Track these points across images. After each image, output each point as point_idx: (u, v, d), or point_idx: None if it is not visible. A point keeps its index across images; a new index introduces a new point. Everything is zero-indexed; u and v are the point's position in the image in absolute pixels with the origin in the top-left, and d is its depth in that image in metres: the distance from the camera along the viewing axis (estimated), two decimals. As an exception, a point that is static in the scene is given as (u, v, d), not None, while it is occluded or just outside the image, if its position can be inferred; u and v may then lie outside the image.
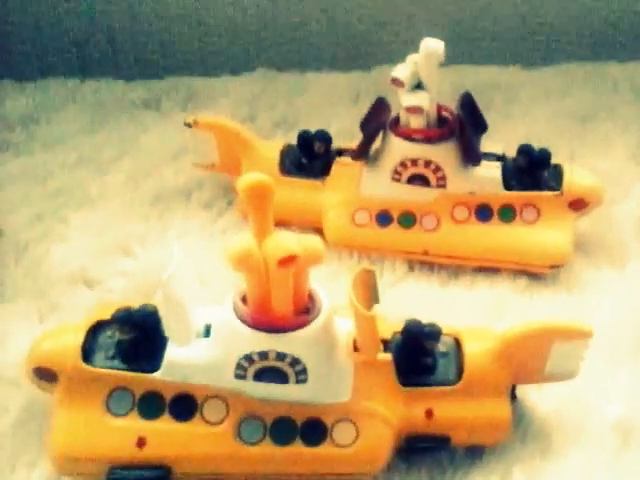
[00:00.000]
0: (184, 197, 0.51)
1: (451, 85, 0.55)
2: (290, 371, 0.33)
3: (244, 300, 0.33)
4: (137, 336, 0.34)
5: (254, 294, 0.32)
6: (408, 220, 0.47)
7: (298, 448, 0.33)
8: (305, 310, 0.33)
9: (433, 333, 0.35)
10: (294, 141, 0.50)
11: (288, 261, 0.30)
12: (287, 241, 0.30)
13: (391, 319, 0.37)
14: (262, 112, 0.60)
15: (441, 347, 0.36)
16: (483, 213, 0.46)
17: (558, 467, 0.35)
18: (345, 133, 0.55)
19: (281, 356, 0.32)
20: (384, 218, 0.47)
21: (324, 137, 0.49)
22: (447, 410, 0.34)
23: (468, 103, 0.47)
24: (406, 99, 0.44)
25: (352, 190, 0.47)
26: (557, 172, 0.47)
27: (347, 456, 0.33)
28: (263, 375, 0.33)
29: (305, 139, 0.49)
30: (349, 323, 0.34)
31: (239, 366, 0.33)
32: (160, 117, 0.60)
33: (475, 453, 0.36)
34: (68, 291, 0.44)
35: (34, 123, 0.58)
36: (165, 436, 0.33)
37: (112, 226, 0.49)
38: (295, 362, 0.33)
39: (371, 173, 0.47)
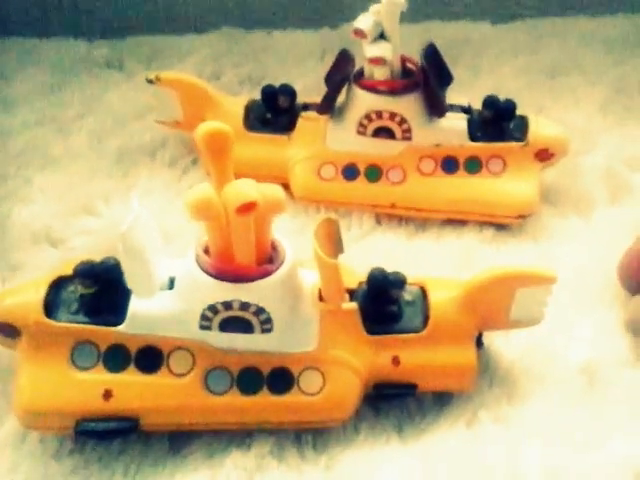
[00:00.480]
0: (148, 155, 0.51)
1: (420, 42, 0.54)
2: (255, 320, 0.33)
3: (206, 251, 0.33)
4: (100, 289, 0.34)
5: (215, 244, 0.32)
6: (374, 173, 0.47)
7: (265, 397, 0.33)
8: (269, 260, 0.33)
9: (397, 281, 0.35)
10: (259, 97, 0.49)
11: (247, 208, 0.30)
12: (246, 188, 0.30)
13: (358, 271, 0.37)
14: (228, 70, 0.59)
15: (407, 296, 0.36)
16: (449, 165, 0.46)
17: (524, 411, 0.36)
18: (312, 90, 0.54)
19: (245, 306, 0.32)
20: (350, 172, 0.47)
21: (288, 91, 0.48)
22: (413, 357, 0.34)
23: (432, 54, 0.46)
24: (369, 50, 0.44)
25: (318, 144, 0.47)
26: (522, 123, 0.47)
27: (314, 404, 0.33)
28: (228, 325, 0.33)
29: (269, 94, 0.49)
30: (314, 275, 0.34)
31: (203, 317, 0.33)
32: (123, 76, 0.59)
33: (443, 399, 0.36)
34: (32, 251, 0.43)
35: (-8, 83, 0.56)
36: (131, 388, 0.33)
37: (76, 186, 0.48)
38: (259, 311, 0.32)
39: (336, 127, 0.47)
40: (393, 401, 0.36)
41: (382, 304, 0.35)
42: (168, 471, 0.33)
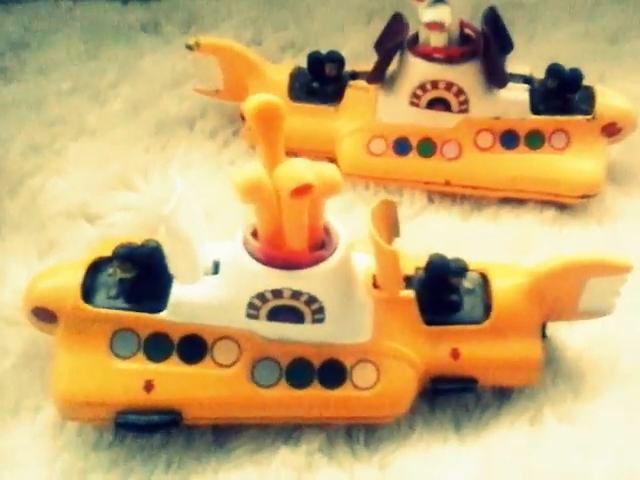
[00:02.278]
0: (187, 126, 0.48)
1: (472, 6, 0.51)
2: (306, 310, 0.31)
3: (255, 235, 0.30)
4: (140, 274, 0.32)
5: (265, 228, 0.30)
6: (428, 148, 0.44)
7: (316, 391, 0.31)
8: (321, 245, 0.31)
9: (459, 269, 0.33)
10: (304, 64, 0.46)
11: (302, 191, 0.27)
12: (301, 169, 0.28)
13: (411, 254, 0.34)
14: (268, 35, 0.56)
15: (467, 284, 0.34)
16: (509, 140, 0.44)
17: (592, 409, 0.33)
18: (358, 56, 0.52)
19: (296, 294, 0.30)
20: (402, 146, 0.44)
21: (336, 58, 0.46)
22: (474, 350, 0.32)
23: (493, 19, 0.43)
24: (426, 14, 0.41)
25: (367, 116, 0.44)
26: (588, 95, 0.44)
27: (368, 399, 0.31)
28: (277, 314, 0.31)
29: (316, 61, 0.46)
30: (367, 259, 0.32)
31: (251, 305, 0.31)
32: (159, 41, 0.56)
33: (503, 394, 0.34)
34: (67, 226, 0.42)
35: (24, 48, 0.54)
36: (174, 379, 0.31)
37: (112, 158, 0.46)
38: (311, 300, 0.30)
39: (388, 97, 0.44)
40: (451, 396, 0.33)
41: (441, 293, 0.33)
42: (212, 467, 0.31)
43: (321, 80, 0.46)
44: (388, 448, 0.32)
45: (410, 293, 0.32)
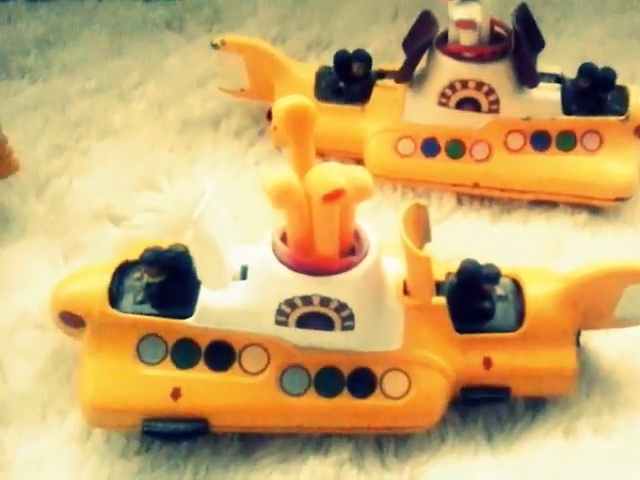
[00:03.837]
0: (212, 126, 0.48)
1: (499, 2, 0.50)
2: (336, 317, 0.30)
3: (284, 239, 0.30)
4: (167, 279, 0.31)
5: (295, 233, 0.29)
6: (457, 149, 0.43)
7: (345, 400, 0.31)
8: (351, 250, 0.30)
9: (492, 275, 0.32)
10: (329, 63, 0.46)
11: (334, 196, 0.27)
12: (333, 174, 0.27)
13: (440, 258, 0.34)
14: (293, 32, 0.56)
15: (499, 290, 0.33)
16: (540, 141, 0.43)
17: (627, 420, 0.32)
18: (384, 54, 0.52)
19: (326, 301, 0.30)
20: (430, 147, 0.43)
21: (363, 57, 0.45)
22: (507, 359, 0.31)
23: (524, 17, 0.42)
24: (457, 12, 0.40)
25: (395, 116, 0.43)
26: (622, 95, 0.43)
27: (399, 409, 0.31)
28: (306, 321, 0.30)
29: (342, 60, 0.45)
30: (397, 263, 0.31)
31: (280, 312, 0.30)
32: (184, 39, 0.56)
33: (536, 405, 0.33)
34: (93, 228, 0.42)
35: (49, 47, 0.54)
36: (201, 387, 0.31)
37: (137, 158, 0.46)
38: (341, 307, 0.30)
39: (416, 97, 0.43)
40: (483, 406, 0.33)
41: (473, 300, 0.32)
42: (239, 476, 0.31)
43: (348, 79, 0.45)
44: (419, 459, 0.31)
45: (441, 300, 0.32)
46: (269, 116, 0.46)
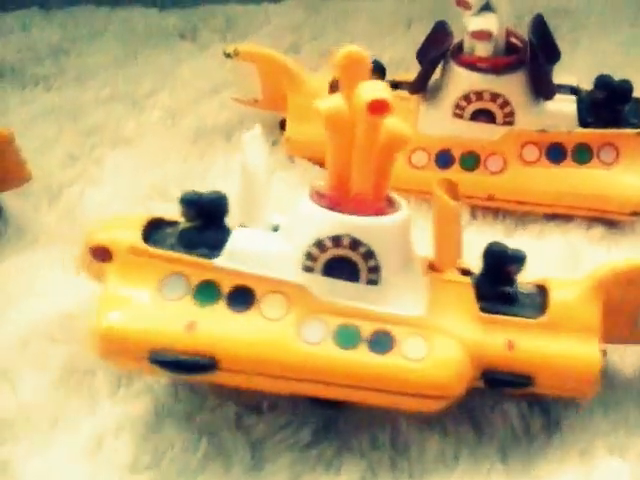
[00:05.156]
0: (225, 136, 0.48)
1: (512, 11, 0.50)
2: (362, 265, 0.30)
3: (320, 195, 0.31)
4: (202, 224, 0.32)
5: (335, 168, 0.30)
6: (471, 161, 0.43)
7: (363, 353, 0.30)
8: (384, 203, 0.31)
9: (517, 256, 0.32)
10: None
11: (380, 106, 0.27)
12: (381, 87, 0.28)
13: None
14: (307, 42, 0.56)
15: (523, 290, 0.33)
16: (555, 153, 0.42)
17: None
18: (398, 64, 0.52)
19: (355, 244, 0.30)
20: (444, 159, 0.43)
21: (377, 67, 0.44)
22: (530, 344, 0.31)
23: (540, 27, 0.42)
24: (473, 23, 0.40)
25: (409, 128, 0.43)
26: (638, 107, 0.43)
27: (416, 370, 0.30)
28: (333, 268, 0.30)
29: (357, 71, 0.45)
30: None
31: (308, 255, 0.30)
32: (197, 48, 0.56)
33: (551, 424, 0.32)
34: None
35: (63, 54, 0.54)
36: (217, 324, 0.30)
37: (149, 168, 0.46)
38: (369, 255, 0.30)
39: (430, 108, 0.43)
40: (506, 390, 0.32)
41: (498, 282, 0.32)
42: (250, 492, 0.31)
43: (362, 90, 0.45)
44: (432, 478, 0.31)
45: (466, 279, 0.32)
46: (282, 126, 0.46)
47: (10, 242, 0.41)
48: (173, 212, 0.41)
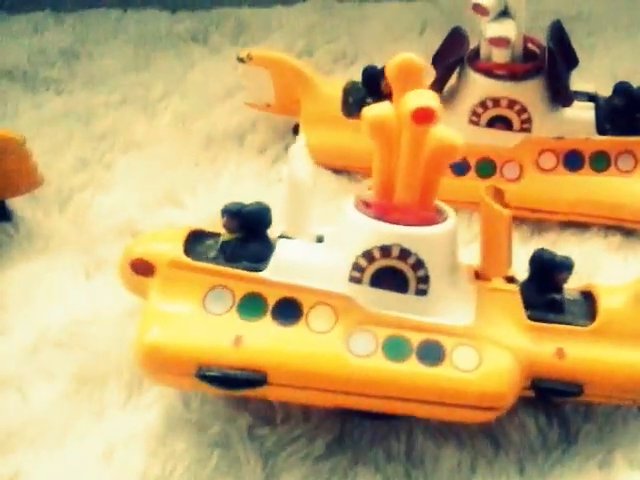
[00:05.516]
0: (237, 140, 0.47)
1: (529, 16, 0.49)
2: (411, 275, 0.30)
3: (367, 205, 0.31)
4: (243, 237, 0.31)
5: (380, 176, 0.30)
6: (487, 168, 0.42)
7: (413, 366, 0.29)
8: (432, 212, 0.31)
9: (565, 264, 0.31)
10: (356, 77, 0.45)
11: (425, 114, 0.27)
12: (428, 97, 0.28)
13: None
14: (320, 46, 0.55)
15: (569, 296, 0.32)
16: (573, 161, 0.42)
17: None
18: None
19: (405, 254, 0.29)
20: (460, 166, 0.42)
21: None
22: (580, 352, 0.30)
23: (558, 34, 0.41)
24: (490, 29, 0.39)
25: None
26: (657, 114, 0.42)
27: (469, 381, 0.29)
28: (381, 279, 0.30)
29: (371, 75, 0.44)
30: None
31: (356, 266, 0.30)
32: (209, 52, 0.56)
33: (570, 436, 0.32)
34: (115, 243, 0.40)
35: (75, 58, 0.54)
36: (264, 338, 0.30)
37: (160, 173, 0.45)
38: (418, 265, 0.29)
39: (445, 115, 0.42)
40: (556, 399, 0.31)
41: (546, 289, 0.32)
42: (263, 504, 0.30)
43: (376, 95, 0.44)
44: (449, 491, 0.30)
45: (514, 287, 0.31)
46: (295, 131, 0.46)
47: (21, 247, 0.40)
48: (183, 219, 0.42)
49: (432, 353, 0.30)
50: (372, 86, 0.44)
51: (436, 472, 0.31)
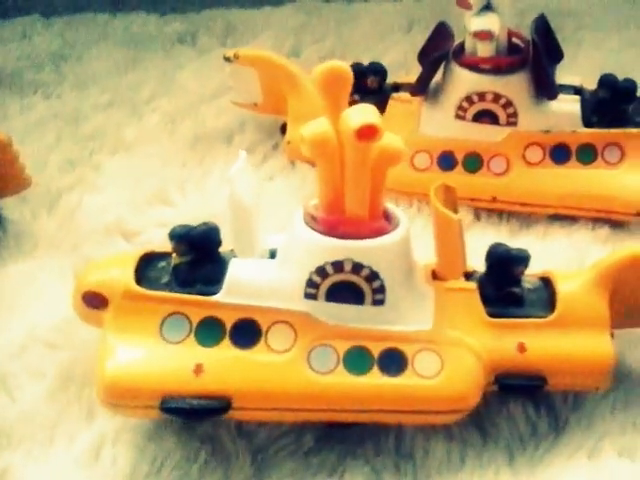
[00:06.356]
0: (225, 140, 0.47)
1: (514, 11, 0.50)
2: (367, 288, 0.29)
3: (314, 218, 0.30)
4: (194, 258, 0.31)
5: (327, 191, 0.29)
6: (474, 163, 0.42)
7: (375, 378, 0.29)
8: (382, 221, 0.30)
9: (521, 257, 0.31)
10: (344, 76, 0.45)
11: (368, 132, 0.27)
12: (368, 112, 0.27)
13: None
14: (307, 45, 0.56)
15: (528, 284, 0.32)
16: (559, 154, 0.42)
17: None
18: (399, 66, 0.51)
19: (358, 268, 0.29)
20: (447, 161, 0.42)
21: (378, 70, 0.45)
22: (541, 344, 0.30)
23: (543, 27, 0.41)
24: (474, 23, 0.40)
25: (410, 130, 0.43)
26: (643, 106, 0.42)
27: (431, 388, 0.29)
28: (336, 294, 0.29)
29: (357, 73, 0.43)
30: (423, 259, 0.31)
31: (310, 283, 0.29)
32: (197, 53, 0.56)
33: (559, 426, 0.32)
34: (104, 243, 0.41)
35: (63, 61, 0.54)
36: (225, 364, 0.29)
37: (149, 173, 0.45)
38: (373, 276, 0.29)
39: (432, 110, 0.43)
40: (519, 394, 0.31)
41: (504, 283, 0.31)
42: (252, 500, 0.30)
43: (363, 92, 0.44)
44: (438, 482, 0.30)
45: (471, 284, 0.31)
46: (283, 130, 0.46)
47: (9, 248, 0.40)
48: (172, 218, 0.42)
49: (393, 362, 0.30)
50: (358, 83, 0.44)
51: (425, 464, 0.31)
